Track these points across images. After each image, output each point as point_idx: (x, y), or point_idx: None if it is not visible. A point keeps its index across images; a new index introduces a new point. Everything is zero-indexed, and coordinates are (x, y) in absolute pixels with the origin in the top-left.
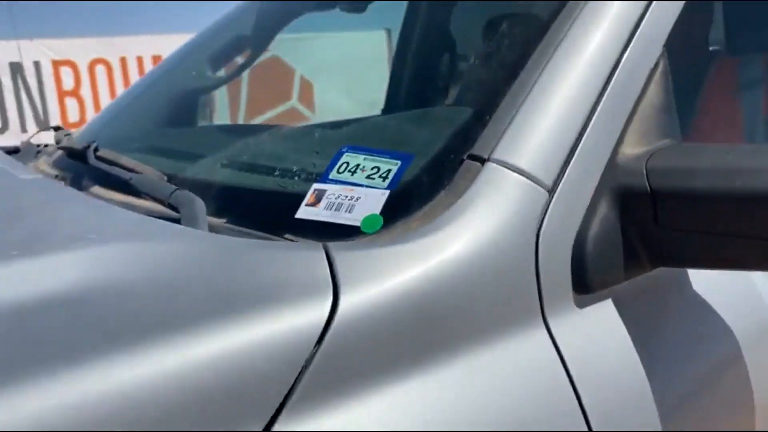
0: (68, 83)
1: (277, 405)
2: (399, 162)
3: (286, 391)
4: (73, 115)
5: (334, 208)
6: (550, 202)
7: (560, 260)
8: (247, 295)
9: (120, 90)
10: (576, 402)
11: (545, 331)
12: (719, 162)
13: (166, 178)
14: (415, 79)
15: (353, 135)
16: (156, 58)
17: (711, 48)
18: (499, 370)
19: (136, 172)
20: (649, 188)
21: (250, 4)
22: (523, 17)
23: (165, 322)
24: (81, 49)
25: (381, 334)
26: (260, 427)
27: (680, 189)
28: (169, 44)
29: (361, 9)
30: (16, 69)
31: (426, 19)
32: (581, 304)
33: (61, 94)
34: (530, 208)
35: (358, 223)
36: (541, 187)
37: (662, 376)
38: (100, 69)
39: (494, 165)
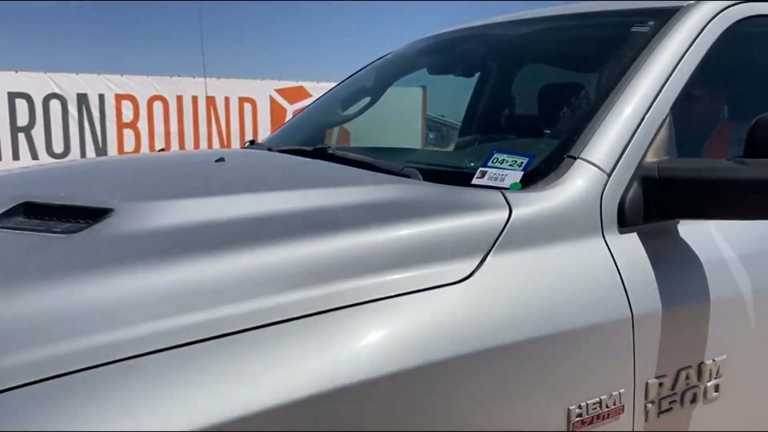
0: (128, 116)
1: (490, 247)
2: (527, 158)
3: (493, 242)
4: (129, 145)
5: (493, 179)
6: (607, 181)
7: (611, 209)
8: (468, 207)
9: (174, 124)
10: (620, 281)
11: (603, 241)
12: (694, 164)
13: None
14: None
15: (492, 145)
16: (209, 99)
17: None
18: (583, 254)
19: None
20: (658, 176)
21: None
22: (591, 77)
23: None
24: (142, 86)
25: (531, 228)
26: (481, 257)
27: (673, 177)
28: (219, 86)
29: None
30: (81, 100)
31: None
32: (621, 232)
33: (120, 126)
34: (598, 183)
35: (508, 186)
36: (604, 173)
37: (661, 272)
38: (157, 105)
39: (580, 160)
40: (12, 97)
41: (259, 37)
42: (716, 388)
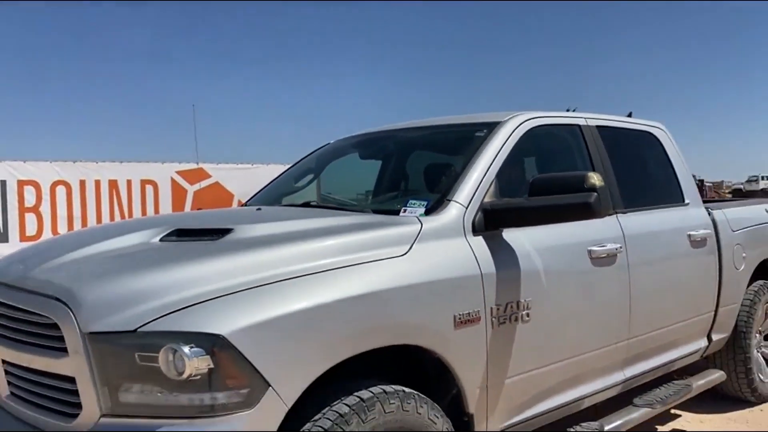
0: (30, 200)
1: (413, 240)
2: (426, 201)
3: (415, 238)
4: (31, 228)
5: (411, 212)
6: (466, 211)
7: (468, 224)
8: (402, 223)
9: (77, 208)
10: (474, 258)
11: (465, 239)
12: (506, 202)
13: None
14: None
15: (409, 196)
16: (112, 182)
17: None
18: (456, 245)
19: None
20: (490, 208)
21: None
22: (455, 159)
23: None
24: (45, 171)
25: (431, 232)
26: (410, 245)
27: (497, 208)
28: (128, 171)
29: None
30: None
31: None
32: (474, 235)
33: (23, 210)
34: (461, 211)
35: (419, 214)
36: (464, 207)
37: (494, 254)
38: (60, 189)
39: (453, 201)
40: None
41: (157, 119)
42: (527, 314)
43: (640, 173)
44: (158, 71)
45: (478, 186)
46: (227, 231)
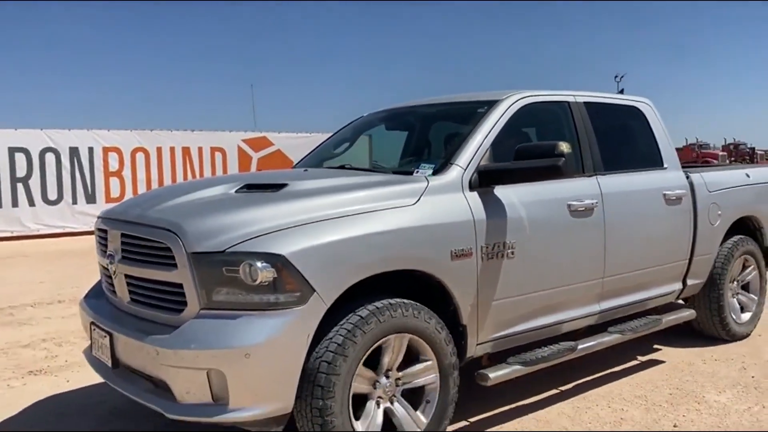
0: (114, 166)
1: (422, 193)
2: (434, 164)
3: (423, 191)
4: (115, 191)
5: (421, 172)
6: (464, 172)
7: (466, 182)
8: (413, 181)
9: (154, 172)
10: (468, 207)
11: (463, 194)
12: (498, 164)
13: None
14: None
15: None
16: (185, 149)
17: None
18: (456, 198)
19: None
20: (485, 170)
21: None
22: (461, 130)
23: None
24: (126, 139)
25: (435, 188)
26: (419, 197)
27: (490, 170)
28: (199, 139)
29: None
30: (73, 153)
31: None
32: (471, 191)
33: (107, 174)
34: (461, 172)
35: (427, 174)
36: (463, 169)
37: (486, 205)
38: (139, 155)
39: (455, 165)
40: (12, 151)
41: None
42: (512, 252)
43: (622, 141)
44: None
45: (476, 152)
46: (283, 185)
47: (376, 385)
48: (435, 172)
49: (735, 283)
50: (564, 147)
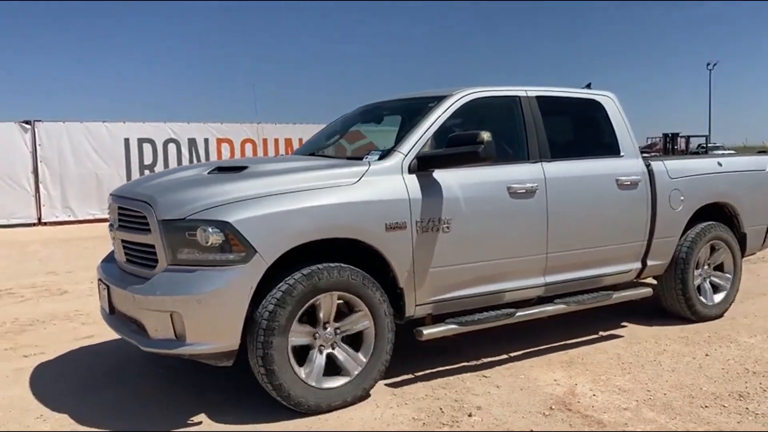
0: (226, 155)
1: (362, 174)
2: (380, 152)
3: (364, 173)
4: None
5: (368, 158)
6: (405, 157)
7: (406, 166)
8: (359, 164)
9: None
10: (405, 189)
11: (402, 177)
12: (434, 151)
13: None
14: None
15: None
16: (287, 140)
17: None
18: (395, 180)
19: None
20: (424, 156)
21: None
22: (413, 122)
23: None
24: (236, 131)
25: (376, 171)
26: (360, 177)
27: (428, 156)
28: (299, 130)
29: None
30: (191, 143)
31: None
32: (410, 174)
33: None
34: (402, 158)
35: (373, 160)
36: (404, 155)
37: (423, 188)
38: (248, 146)
39: (398, 152)
40: (140, 142)
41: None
42: (447, 227)
43: (575, 131)
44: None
45: (417, 141)
46: (244, 168)
47: (316, 336)
48: (381, 158)
49: (706, 266)
50: (484, 136)
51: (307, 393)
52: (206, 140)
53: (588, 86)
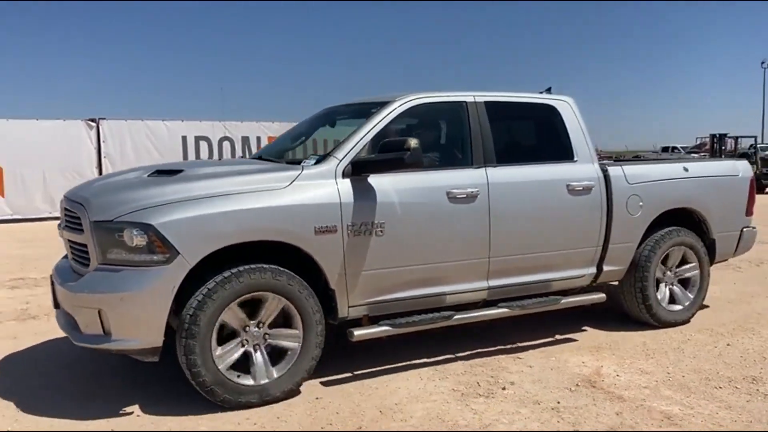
0: None
1: (294, 179)
2: (317, 157)
3: (296, 177)
4: None
5: (305, 164)
6: (339, 162)
7: (339, 171)
8: (292, 169)
9: None
10: (338, 193)
11: (335, 181)
12: (369, 156)
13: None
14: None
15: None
16: (335, 140)
17: None
18: (327, 184)
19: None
20: (358, 161)
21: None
22: (354, 127)
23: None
24: (285, 129)
25: (309, 175)
26: (291, 181)
27: (363, 161)
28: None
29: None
30: (245, 141)
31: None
32: (343, 179)
33: None
34: (336, 163)
35: (310, 164)
36: (339, 160)
37: (355, 192)
38: None
39: (333, 157)
40: (197, 139)
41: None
42: (381, 231)
43: (527, 136)
44: None
45: (353, 147)
46: (180, 171)
47: (246, 329)
48: (317, 163)
49: (670, 272)
50: (411, 143)
51: (228, 389)
52: (258, 138)
53: (548, 90)
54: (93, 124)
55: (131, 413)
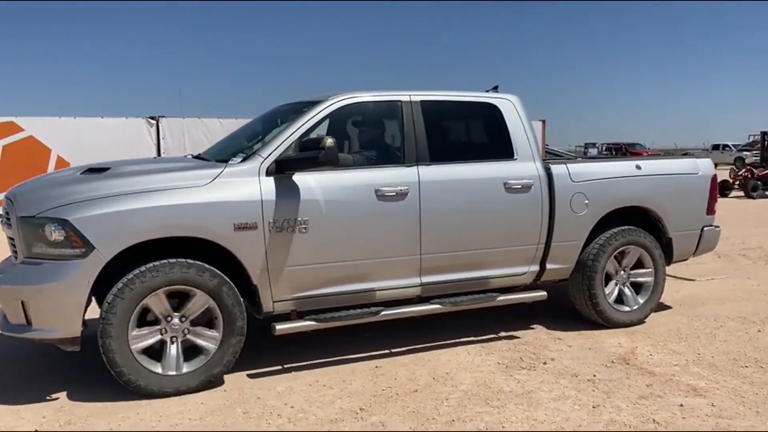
0: None
1: (216, 176)
2: (244, 155)
3: (217, 174)
4: None
5: (232, 162)
6: (264, 160)
7: (263, 169)
8: (216, 167)
9: None
10: (260, 192)
11: (258, 179)
12: (293, 154)
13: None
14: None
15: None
16: None
17: None
18: (250, 182)
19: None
20: (283, 158)
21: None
22: (285, 125)
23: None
24: None
25: (232, 173)
26: (212, 179)
27: (286, 158)
28: None
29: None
30: None
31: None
32: (267, 177)
33: None
34: (261, 161)
35: (235, 162)
36: (263, 158)
37: (278, 189)
38: None
39: (257, 155)
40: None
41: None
42: (305, 228)
43: (464, 135)
44: None
45: (279, 145)
46: (107, 169)
47: (168, 319)
48: (243, 160)
49: (624, 272)
50: (327, 142)
51: (160, 382)
52: None
53: (494, 89)
54: (153, 121)
55: (56, 399)
